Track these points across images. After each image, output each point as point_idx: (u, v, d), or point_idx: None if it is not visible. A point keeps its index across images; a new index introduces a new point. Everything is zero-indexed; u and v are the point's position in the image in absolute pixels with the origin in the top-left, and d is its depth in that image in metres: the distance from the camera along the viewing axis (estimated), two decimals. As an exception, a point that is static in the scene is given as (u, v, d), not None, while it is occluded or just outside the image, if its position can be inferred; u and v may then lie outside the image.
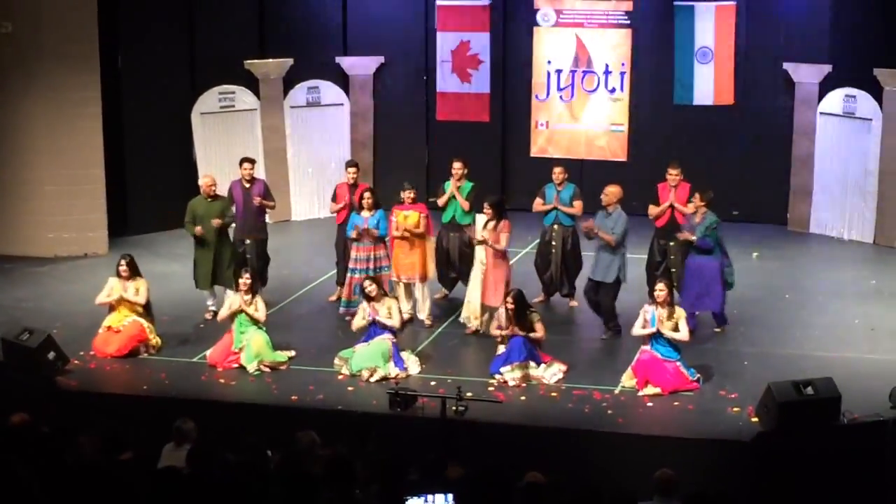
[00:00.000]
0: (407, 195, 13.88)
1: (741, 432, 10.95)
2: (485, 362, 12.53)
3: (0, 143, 16.80)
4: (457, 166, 14.54)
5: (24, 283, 15.75)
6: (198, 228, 13.94)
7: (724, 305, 13.58)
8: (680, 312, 12.14)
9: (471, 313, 13.61)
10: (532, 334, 12.23)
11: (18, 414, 8.76)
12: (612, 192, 13.52)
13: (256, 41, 18.97)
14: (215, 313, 13.54)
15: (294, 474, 7.23)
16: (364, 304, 12.62)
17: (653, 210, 14.14)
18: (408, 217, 13.83)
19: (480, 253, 13.54)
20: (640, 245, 14.61)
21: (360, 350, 12.42)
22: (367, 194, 13.98)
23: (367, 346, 12.40)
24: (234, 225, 14.45)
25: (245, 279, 12.78)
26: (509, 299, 12.36)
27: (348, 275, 13.96)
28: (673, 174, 14.12)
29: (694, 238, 13.22)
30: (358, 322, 12.62)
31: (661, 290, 12.07)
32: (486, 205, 13.52)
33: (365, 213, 13.88)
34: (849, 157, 17.68)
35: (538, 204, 14.56)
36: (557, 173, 14.39)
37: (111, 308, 13.06)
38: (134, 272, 13.06)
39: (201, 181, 14.45)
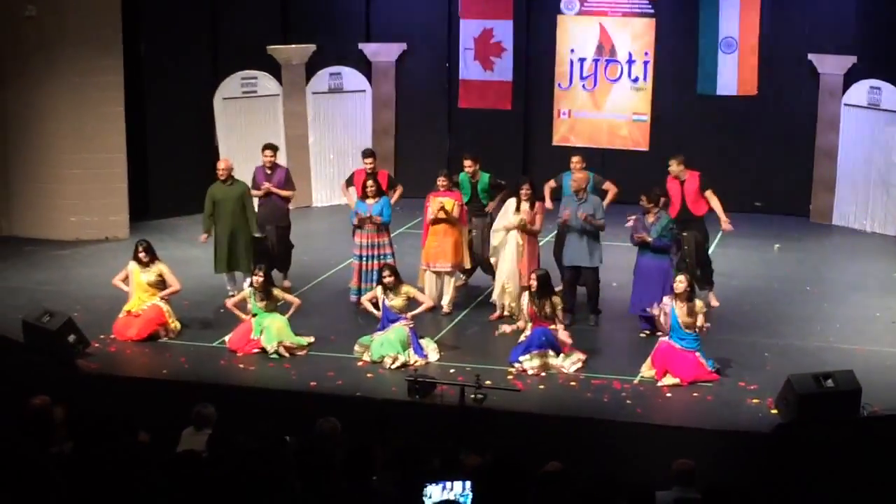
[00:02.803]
0: (442, 182, 13.88)
1: (760, 424, 10.92)
2: (504, 350, 12.52)
3: (23, 126, 16.85)
4: (467, 164, 14.46)
5: (46, 266, 15.80)
6: (203, 236, 14.19)
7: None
8: (700, 306, 12.08)
9: (507, 297, 13.58)
10: (552, 328, 12.20)
11: (39, 396, 8.80)
12: (580, 177, 13.59)
13: (279, 27, 18.97)
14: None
15: (312, 461, 7.22)
16: (378, 290, 12.66)
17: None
18: (443, 203, 13.82)
19: (515, 236, 13.52)
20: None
21: (379, 337, 12.44)
22: (369, 182, 13.96)
23: (386, 334, 12.41)
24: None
25: (258, 276, 12.73)
26: (533, 276, 12.34)
27: (354, 262, 13.98)
28: (674, 167, 14.09)
29: (650, 239, 13.05)
30: (366, 301, 12.80)
31: (680, 282, 12.02)
32: (525, 186, 13.51)
33: (369, 201, 13.88)
34: (873, 149, 17.58)
35: (548, 189, 14.60)
36: (575, 162, 14.30)
37: (131, 293, 13.11)
38: (153, 257, 13.10)
39: (218, 166, 14.43)
